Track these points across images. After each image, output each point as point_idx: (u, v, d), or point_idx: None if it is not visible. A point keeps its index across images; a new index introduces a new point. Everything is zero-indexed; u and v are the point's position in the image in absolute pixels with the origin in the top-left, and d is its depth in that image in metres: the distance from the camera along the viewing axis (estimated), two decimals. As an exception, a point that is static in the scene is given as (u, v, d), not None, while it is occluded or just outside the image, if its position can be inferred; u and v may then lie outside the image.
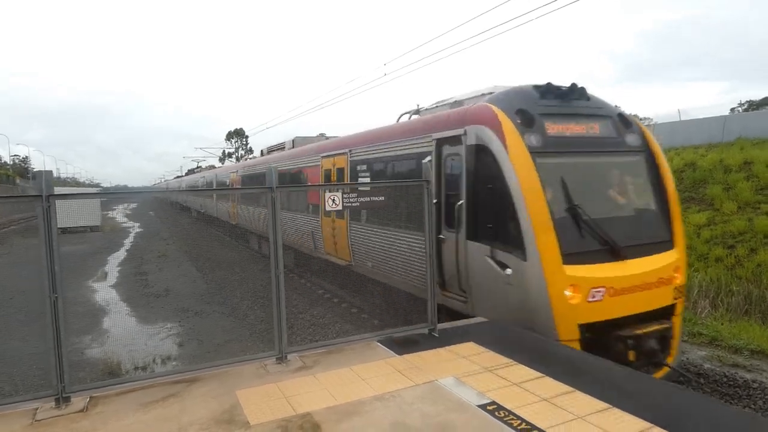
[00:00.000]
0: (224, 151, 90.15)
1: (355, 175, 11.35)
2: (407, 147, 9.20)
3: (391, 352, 5.53)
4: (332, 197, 5.31)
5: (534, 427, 3.76)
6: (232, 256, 22.39)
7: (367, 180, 10.57)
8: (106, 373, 8.32)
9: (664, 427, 3.67)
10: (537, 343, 5.74)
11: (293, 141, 17.74)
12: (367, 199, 5.76)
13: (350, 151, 11.68)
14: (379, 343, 5.81)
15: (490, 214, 6.93)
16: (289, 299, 12.31)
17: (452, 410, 4.09)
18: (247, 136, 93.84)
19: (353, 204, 5.54)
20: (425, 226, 5.96)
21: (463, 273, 7.42)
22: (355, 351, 5.62)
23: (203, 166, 58.88)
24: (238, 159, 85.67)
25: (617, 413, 3.93)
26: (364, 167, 10.92)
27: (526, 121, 6.90)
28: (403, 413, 4.07)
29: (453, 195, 7.68)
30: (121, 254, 24.33)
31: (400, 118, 11.31)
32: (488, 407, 4.10)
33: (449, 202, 7.77)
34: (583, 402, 4.15)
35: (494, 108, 7.04)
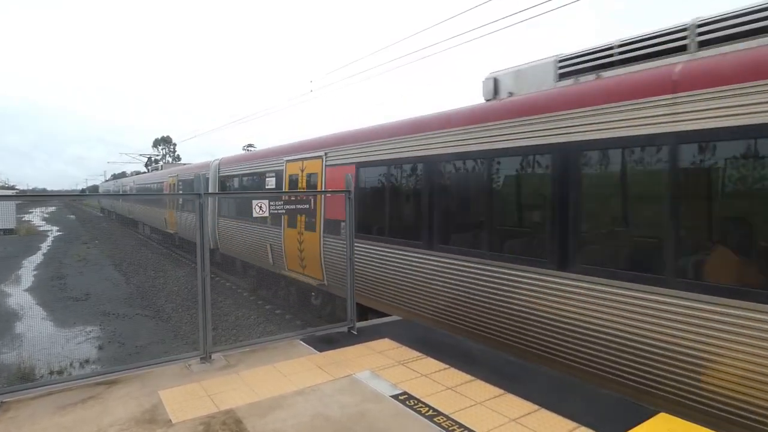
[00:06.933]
0: (150, 157, 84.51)
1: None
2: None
3: (313, 349, 5.46)
4: (259, 204, 5.18)
5: (440, 413, 3.87)
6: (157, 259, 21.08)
7: None
8: (18, 378, 7.49)
9: (550, 409, 3.92)
10: (444, 339, 5.92)
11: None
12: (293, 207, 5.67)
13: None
14: (301, 342, 5.72)
15: None
16: (215, 301, 11.77)
17: (368, 401, 4.11)
18: (174, 144, 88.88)
19: (279, 211, 5.42)
20: (347, 230, 5.98)
21: None
22: (278, 349, 5.49)
23: (128, 172, 54.20)
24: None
25: (510, 398, 4.14)
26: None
27: None
28: (323, 405, 4.02)
29: None
30: (37, 258, 22.08)
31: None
32: (400, 397, 4.17)
33: None
34: (482, 389, 4.33)
35: None
